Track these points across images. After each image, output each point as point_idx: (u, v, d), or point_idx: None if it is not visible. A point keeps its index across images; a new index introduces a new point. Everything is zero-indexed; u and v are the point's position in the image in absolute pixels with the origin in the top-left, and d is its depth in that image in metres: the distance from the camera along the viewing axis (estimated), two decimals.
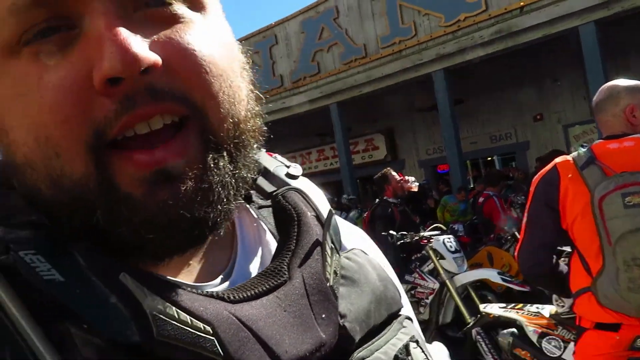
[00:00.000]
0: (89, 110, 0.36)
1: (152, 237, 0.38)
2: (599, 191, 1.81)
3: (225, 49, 0.42)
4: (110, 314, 0.34)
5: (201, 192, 0.39)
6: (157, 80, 0.37)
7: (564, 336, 2.32)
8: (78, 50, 0.36)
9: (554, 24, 7.48)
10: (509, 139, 11.19)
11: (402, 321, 0.49)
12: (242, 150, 0.43)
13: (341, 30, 10.17)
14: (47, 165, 0.37)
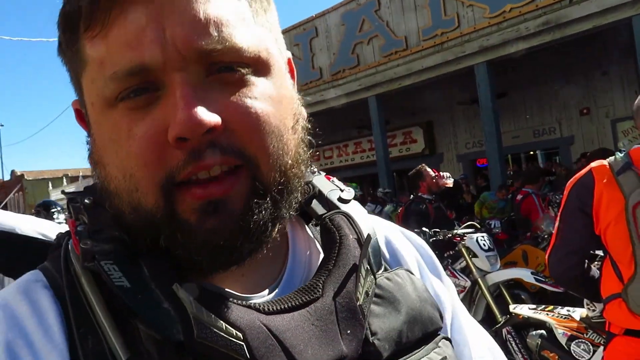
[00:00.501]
0: (163, 158, 0.46)
1: (200, 259, 0.47)
2: (633, 198, 1.78)
3: (281, 107, 0.50)
4: (162, 316, 0.44)
5: (241, 227, 0.47)
6: (217, 138, 0.45)
7: (594, 340, 2.28)
8: (159, 110, 0.46)
9: (605, 15, 7.18)
10: (552, 133, 10.86)
11: (438, 341, 0.54)
12: (285, 192, 0.50)
13: (382, 22, 10.07)
14: (129, 195, 0.48)
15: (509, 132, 10.89)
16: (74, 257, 0.49)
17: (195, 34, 0.45)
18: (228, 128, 0.46)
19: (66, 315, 0.47)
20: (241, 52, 0.47)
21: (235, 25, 0.47)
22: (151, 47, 0.45)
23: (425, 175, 5.20)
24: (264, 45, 0.50)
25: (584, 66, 9.90)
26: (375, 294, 0.52)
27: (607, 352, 1.93)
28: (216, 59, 0.46)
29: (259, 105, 0.48)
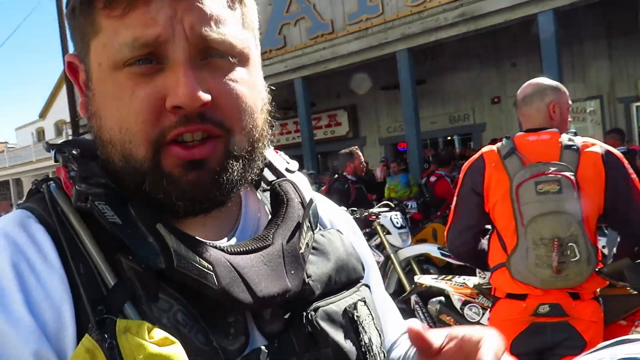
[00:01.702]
0: (158, 119, 0.56)
1: (180, 203, 0.58)
2: (517, 179, 2.00)
3: (254, 92, 0.62)
4: (148, 248, 0.53)
5: (216, 182, 0.58)
6: (206, 110, 0.56)
7: (483, 304, 2.55)
8: (161, 79, 0.56)
9: (515, 10, 7.67)
10: (467, 120, 11.50)
11: (360, 287, 0.68)
12: (251, 158, 0.62)
13: (309, 5, 10.12)
14: (122, 146, 0.57)
15: (427, 117, 11.39)
16: (61, 199, 0.58)
17: (201, 24, 0.56)
18: (214, 104, 0.56)
19: (59, 247, 0.55)
20: (232, 46, 0.58)
21: (230, 25, 0.59)
22: (166, 26, 0.55)
23: (356, 157, 5.42)
24: (248, 44, 0.61)
25: (496, 57, 10.54)
26: (312, 247, 0.65)
27: (492, 313, 2.18)
28: (213, 46, 0.57)
29: (239, 88, 0.59)
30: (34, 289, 0.52)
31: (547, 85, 2.19)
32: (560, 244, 1.89)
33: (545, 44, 7.36)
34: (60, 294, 0.53)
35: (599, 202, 2.01)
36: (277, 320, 0.60)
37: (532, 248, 1.95)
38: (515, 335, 2.05)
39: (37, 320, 0.51)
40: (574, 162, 1.97)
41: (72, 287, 0.54)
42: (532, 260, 1.95)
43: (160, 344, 0.49)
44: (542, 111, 2.16)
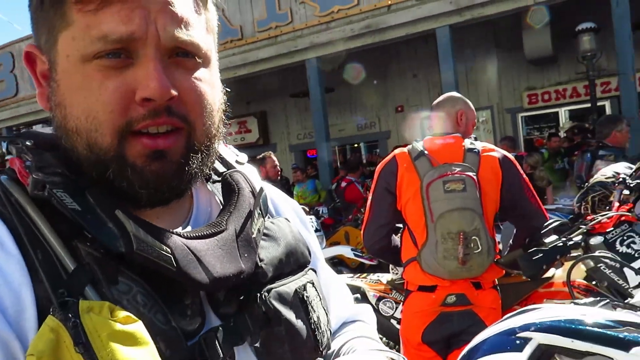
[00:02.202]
0: (126, 110, 0.58)
1: (143, 192, 0.60)
2: (426, 178, 2.17)
3: (214, 91, 0.66)
4: (108, 233, 0.55)
5: (178, 172, 0.61)
6: (172, 104, 0.59)
7: (396, 298, 2.70)
8: (131, 73, 0.58)
9: (416, 25, 8.16)
10: (373, 127, 11.98)
11: (307, 271, 0.73)
12: (208, 152, 0.65)
13: (218, 10, 9.99)
14: (87, 134, 0.59)
15: (336, 125, 11.72)
16: (14, 189, 0.59)
17: (173, 26, 0.60)
18: (180, 99, 0.60)
19: (15, 235, 0.56)
20: (198, 48, 0.62)
21: (197, 29, 0.63)
22: (140, 24, 0.58)
23: (268, 161, 5.40)
24: (210, 47, 0.66)
25: (399, 68, 11.12)
26: (263, 233, 0.69)
27: (405, 306, 2.33)
28: (181, 47, 0.61)
29: (202, 86, 0.63)
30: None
31: (459, 97, 2.46)
32: (465, 237, 2.08)
33: (442, 57, 7.90)
34: (19, 279, 0.53)
35: (496, 200, 2.23)
36: (232, 302, 0.63)
37: (440, 242, 2.11)
38: (426, 325, 2.21)
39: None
40: (475, 164, 2.19)
41: (31, 272, 0.54)
42: (441, 254, 2.11)
43: (123, 322, 0.50)
44: (452, 116, 2.38)
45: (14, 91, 12.20)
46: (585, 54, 7.77)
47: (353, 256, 4.45)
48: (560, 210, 5.64)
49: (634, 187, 2.50)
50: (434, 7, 7.91)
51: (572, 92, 10.06)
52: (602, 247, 2.25)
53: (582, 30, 7.65)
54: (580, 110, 10.21)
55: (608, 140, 4.27)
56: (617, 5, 6.73)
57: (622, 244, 2.29)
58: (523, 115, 10.79)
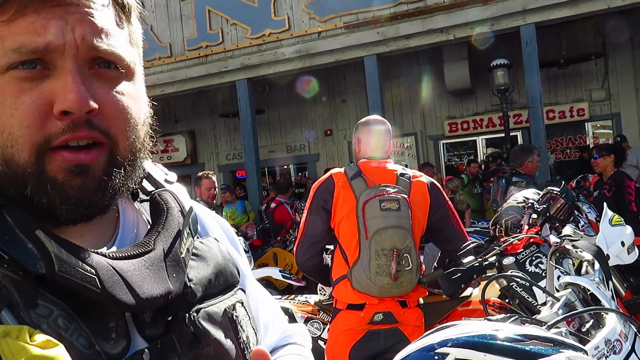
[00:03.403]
0: (44, 124, 0.56)
1: (64, 208, 0.58)
2: (363, 197, 2.26)
3: (138, 104, 0.64)
4: (27, 254, 0.52)
5: (100, 187, 0.60)
6: (92, 118, 0.57)
7: (324, 319, 2.74)
8: (47, 86, 0.56)
9: (345, 52, 8.44)
10: (302, 150, 12.11)
11: (236, 290, 0.72)
12: (133, 168, 0.64)
13: (146, 26, 9.81)
14: (3, 150, 0.56)
15: (266, 146, 11.73)
16: None
17: (92, 35, 0.58)
18: (100, 112, 0.59)
19: None
20: (120, 58, 0.61)
21: (119, 40, 0.62)
22: (56, 34, 0.56)
23: (203, 182, 5.21)
24: (134, 60, 0.65)
25: (329, 93, 11.39)
26: (193, 253, 0.68)
27: (333, 324, 2.37)
28: (102, 57, 0.59)
29: (124, 100, 0.62)
30: None
31: (389, 125, 2.56)
32: (398, 254, 2.17)
33: (370, 84, 8.21)
34: None
35: (424, 223, 2.36)
36: (158, 323, 0.62)
37: (374, 258, 2.19)
38: (353, 343, 2.26)
39: None
40: (407, 188, 2.31)
41: None
42: (374, 269, 2.19)
43: (43, 346, 0.48)
44: (386, 145, 2.51)
45: None
46: (499, 87, 8.38)
47: (281, 277, 4.45)
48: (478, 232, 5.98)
49: (540, 211, 2.72)
50: (362, 36, 8.24)
51: (488, 122, 10.77)
52: (513, 267, 2.42)
53: (496, 65, 8.25)
54: (495, 139, 10.93)
55: (521, 168, 4.62)
56: (527, 45, 7.35)
57: (531, 264, 2.48)
58: (444, 142, 11.37)
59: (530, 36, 7.33)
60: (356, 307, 2.28)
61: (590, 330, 1.51)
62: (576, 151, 10.40)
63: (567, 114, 10.27)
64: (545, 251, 2.46)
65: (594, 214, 4.51)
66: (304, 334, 0.95)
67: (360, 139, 2.52)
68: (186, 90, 9.65)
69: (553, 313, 1.49)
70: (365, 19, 8.28)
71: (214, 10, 9.40)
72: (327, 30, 8.58)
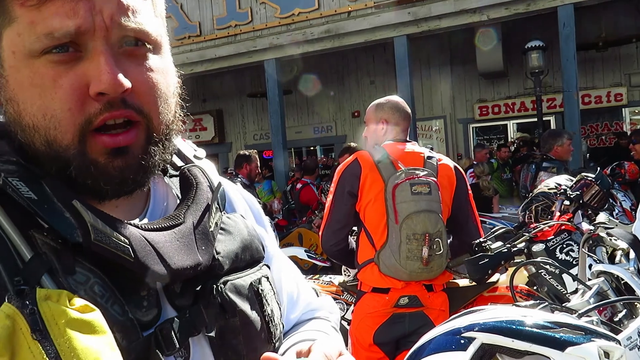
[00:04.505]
0: (83, 106, 0.58)
1: (108, 188, 0.61)
2: (392, 180, 2.22)
3: (167, 77, 0.65)
4: (65, 223, 0.55)
5: (141, 165, 0.62)
6: (126, 97, 0.59)
7: (348, 300, 2.75)
8: (82, 68, 0.58)
9: (374, 32, 8.32)
10: (329, 131, 12.07)
11: (262, 266, 0.74)
12: (168, 142, 0.66)
13: (176, 4, 9.85)
14: (46, 132, 0.58)
15: (293, 127, 11.74)
16: None
17: (119, 13, 0.59)
18: (134, 91, 0.60)
19: None
20: (148, 35, 0.62)
21: (145, 15, 0.62)
22: (86, 16, 0.57)
23: (254, 160, 5.20)
24: (160, 33, 0.65)
25: (356, 74, 11.27)
26: (220, 227, 0.70)
27: (357, 306, 2.37)
28: (130, 35, 0.60)
29: (154, 76, 0.63)
30: None
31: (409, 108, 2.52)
32: (430, 238, 2.14)
33: (399, 65, 8.09)
34: None
35: (449, 206, 2.32)
36: (187, 294, 0.64)
37: (405, 242, 2.16)
38: (377, 325, 2.26)
39: None
40: (435, 171, 2.27)
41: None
42: (404, 254, 2.16)
43: (81, 310, 0.50)
44: (407, 128, 2.47)
45: None
46: (533, 70, 8.15)
47: (306, 257, 4.48)
48: (506, 218, 5.88)
49: (573, 198, 2.65)
50: (392, 16, 8.09)
51: (520, 106, 10.51)
52: (543, 254, 2.37)
53: (530, 47, 8.01)
54: (527, 124, 10.67)
55: (551, 153, 4.50)
56: (564, 26, 7.10)
57: (562, 251, 2.42)
58: (474, 126, 11.17)
59: (568, 17, 7.07)
60: (381, 290, 2.27)
61: (622, 320, 1.47)
62: (612, 137, 10.07)
63: (604, 99, 9.94)
64: (576, 239, 2.40)
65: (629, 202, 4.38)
66: (330, 307, 0.95)
67: (388, 120, 2.47)
68: (215, 69, 9.69)
69: (584, 301, 1.45)
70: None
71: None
72: (357, 9, 8.46)
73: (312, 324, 0.88)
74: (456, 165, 2.44)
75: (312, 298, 0.93)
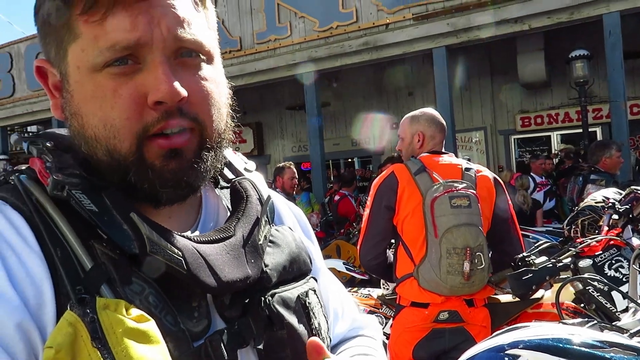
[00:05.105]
0: (141, 115, 0.61)
1: (164, 191, 0.63)
2: (430, 194, 2.20)
3: (220, 87, 0.68)
4: (123, 234, 0.58)
5: (193, 169, 0.64)
6: (182, 105, 0.62)
7: (386, 313, 2.72)
8: (140, 78, 0.61)
9: (413, 44, 8.28)
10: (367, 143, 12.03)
11: (309, 278, 0.75)
12: (219, 150, 0.68)
13: (218, 20, 10.06)
14: (107, 141, 0.61)
15: (331, 139, 11.76)
16: (34, 188, 0.62)
17: (175, 26, 0.62)
18: (189, 100, 0.63)
19: (36, 232, 0.59)
20: (202, 46, 0.65)
21: (199, 27, 0.65)
22: (145, 30, 0.60)
23: (287, 172, 5.25)
24: (212, 44, 0.68)
25: (395, 85, 11.23)
26: (269, 240, 0.71)
27: (396, 320, 2.35)
28: (186, 46, 0.63)
29: (208, 85, 0.66)
30: (16, 268, 0.55)
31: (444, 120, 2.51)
32: (471, 252, 2.11)
33: (438, 76, 8.01)
34: (40, 273, 0.56)
35: (489, 219, 2.28)
36: (236, 306, 0.65)
37: (445, 257, 2.14)
38: (417, 340, 2.23)
39: (20, 296, 0.53)
40: (473, 183, 2.24)
41: (51, 268, 0.56)
42: (445, 268, 2.13)
43: (137, 320, 0.53)
44: (443, 140, 2.45)
45: (10, 91, 12.15)
46: (578, 80, 7.91)
47: (344, 270, 4.46)
48: (551, 232, 5.70)
49: (622, 212, 2.55)
50: (431, 27, 8.04)
51: (564, 116, 10.21)
52: (590, 270, 2.29)
53: (575, 57, 7.79)
54: (572, 135, 10.35)
55: (599, 165, 4.34)
56: (610, 34, 6.88)
57: (611, 267, 2.33)
58: (516, 137, 10.91)
59: (614, 25, 6.85)
60: (421, 305, 2.24)
61: None
62: None
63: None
64: (626, 255, 2.30)
65: None
66: (375, 326, 0.95)
67: (425, 132, 2.45)
68: (254, 82, 9.85)
69: (636, 320, 1.40)
70: (435, 9, 8.07)
71: (283, 3, 9.51)
72: (395, 22, 8.44)
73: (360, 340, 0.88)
74: (495, 176, 2.40)
75: (357, 314, 0.93)
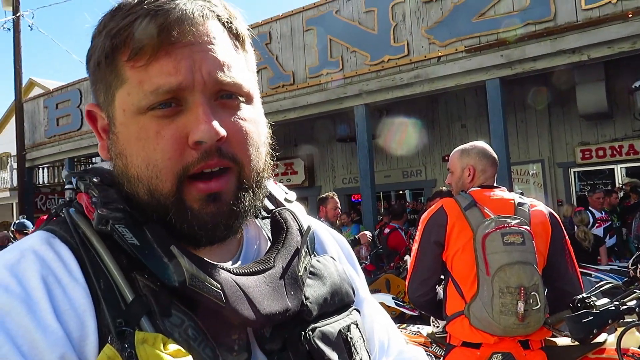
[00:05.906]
0: (182, 155, 0.63)
1: (202, 233, 0.64)
2: (481, 230, 2.13)
3: (259, 127, 0.70)
4: (164, 267, 0.59)
5: (232, 211, 0.65)
6: (222, 145, 0.63)
7: (436, 352, 2.62)
8: (182, 119, 0.63)
9: (465, 76, 8.20)
10: (419, 175, 11.90)
11: (352, 310, 0.74)
12: (258, 189, 0.69)
13: (272, 56, 10.43)
14: (148, 181, 0.64)
15: (381, 171, 11.72)
16: (81, 222, 0.65)
17: (215, 69, 0.64)
18: (228, 139, 0.64)
19: (81, 264, 0.61)
20: (241, 88, 0.67)
21: (238, 69, 0.67)
22: (186, 74, 0.63)
23: (330, 202, 5.32)
24: (252, 85, 0.70)
25: (447, 117, 11.11)
26: (310, 271, 0.71)
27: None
28: (225, 88, 0.65)
29: (247, 125, 0.67)
30: (61, 300, 0.58)
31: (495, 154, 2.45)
32: (525, 292, 2.02)
33: (492, 108, 7.86)
34: (84, 305, 0.58)
35: (545, 256, 2.18)
36: (277, 339, 0.65)
37: (497, 296, 2.05)
38: None
39: (63, 328, 0.55)
40: (527, 219, 2.15)
41: (94, 300, 0.59)
42: (497, 308, 2.05)
43: (174, 355, 0.53)
44: (495, 175, 2.39)
45: (78, 125, 12.97)
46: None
47: (394, 305, 4.37)
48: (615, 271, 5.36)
49: None
50: (484, 59, 7.95)
51: (628, 149, 9.72)
52: None
53: (638, 87, 7.46)
54: (637, 169, 9.82)
55: None
56: None
57: None
58: (576, 170, 10.47)
59: None
60: (472, 345, 2.15)
61: None
62: None
63: None
64: None
65: None
66: (423, 358, 0.92)
67: (476, 166, 2.40)
68: (306, 116, 10.02)
69: None
70: (489, 41, 8.00)
71: (335, 39, 9.71)
72: (447, 54, 8.42)
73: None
74: (551, 211, 2.30)
75: (404, 346, 0.91)
